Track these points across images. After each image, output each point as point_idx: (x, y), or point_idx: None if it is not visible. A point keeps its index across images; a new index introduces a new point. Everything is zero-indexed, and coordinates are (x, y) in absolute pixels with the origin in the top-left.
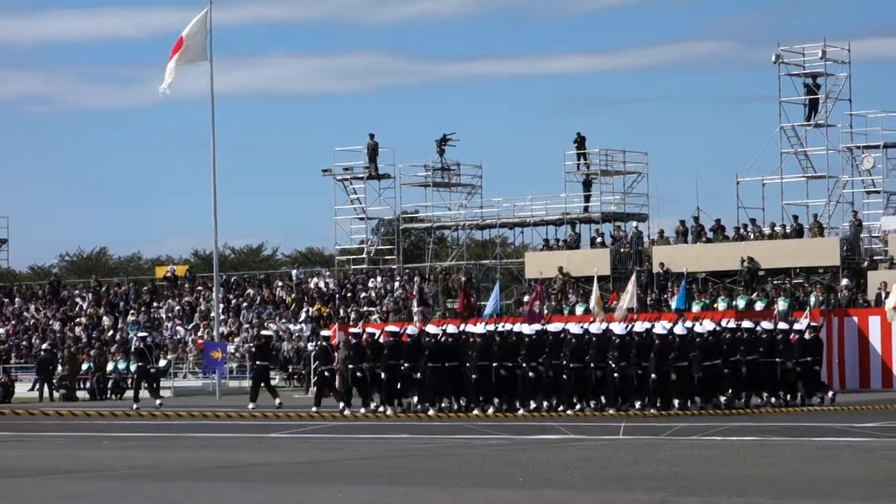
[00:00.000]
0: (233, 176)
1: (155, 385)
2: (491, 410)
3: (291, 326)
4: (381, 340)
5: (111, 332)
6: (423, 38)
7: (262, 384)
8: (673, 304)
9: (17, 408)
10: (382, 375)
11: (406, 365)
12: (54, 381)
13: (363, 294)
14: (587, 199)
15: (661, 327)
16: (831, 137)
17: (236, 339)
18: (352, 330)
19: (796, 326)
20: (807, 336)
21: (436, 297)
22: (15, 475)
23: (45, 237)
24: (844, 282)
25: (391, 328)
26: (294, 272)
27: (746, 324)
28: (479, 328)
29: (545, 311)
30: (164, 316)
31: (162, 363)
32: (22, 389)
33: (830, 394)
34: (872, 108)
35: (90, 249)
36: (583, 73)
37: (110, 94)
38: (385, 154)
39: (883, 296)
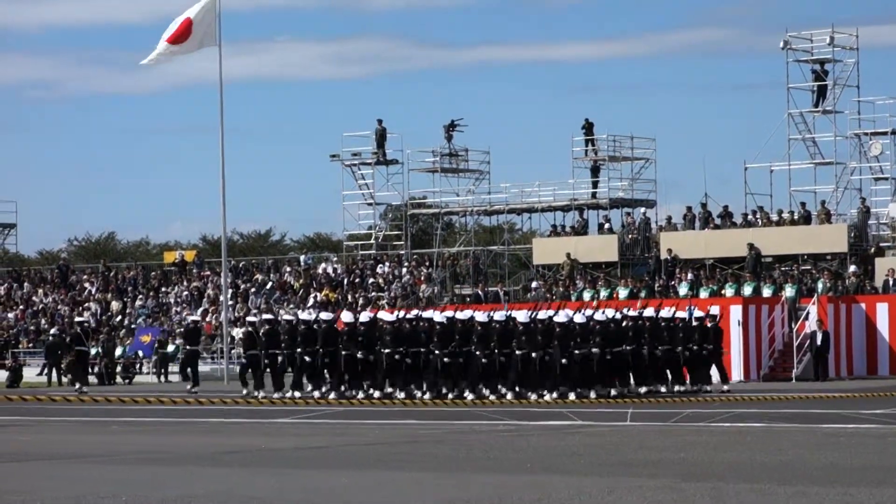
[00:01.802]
0: (241, 161)
1: (83, 369)
2: (402, 395)
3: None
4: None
5: (119, 317)
6: (432, 23)
7: (189, 368)
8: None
9: (25, 393)
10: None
11: (321, 351)
12: (62, 365)
13: (371, 280)
14: (595, 185)
15: (563, 315)
16: (839, 124)
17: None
18: (265, 316)
19: (696, 314)
20: (707, 324)
21: (444, 283)
22: (23, 460)
23: (53, 222)
24: (852, 268)
25: (304, 316)
26: (302, 258)
27: (648, 312)
28: (391, 315)
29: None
30: (172, 301)
31: (170, 348)
32: (30, 374)
33: (725, 387)
34: (880, 95)
35: (98, 234)
36: (591, 58)
37: (117, 78)
38: (393, 139)
39: (891, 283)
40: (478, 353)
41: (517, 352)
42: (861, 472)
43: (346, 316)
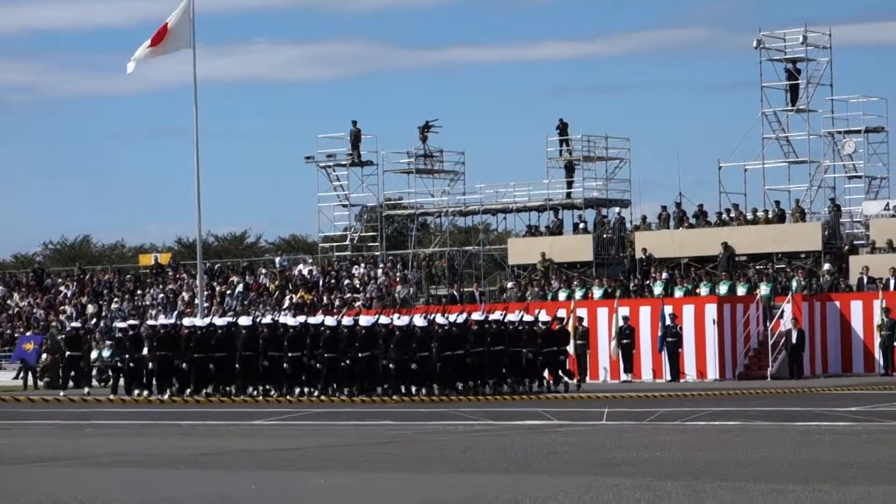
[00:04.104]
0: (216, 163)
1: None
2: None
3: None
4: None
5: (95, 321)
6: (406, 24)
7: (73, 373)
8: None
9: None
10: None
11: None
12: (38, 369)
13: (347, 281)
14: (570, 185)
15: (406, 319)
16: (813, 122)
17: None
18: (122, 324)
19: (541, 318)
20: (554, 327)
21: (419, 284)
22: None
23: (28, 225)
24: (826, 266)
25: (164, 321)
26: (277, 259)
27: (494, 315)
28: (246, 320)
29: None
30: (148, 303)
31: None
32: (6, 378)
33: (575, 380)
34: (853, 93)
35: (73, 237)
36: (565, 59)
37: (94, 81)
38: (368, 141)
39: (865, 280)
40: (326, 356)
41: (360, 354)
42: (836, 469)
43: (199, 322)
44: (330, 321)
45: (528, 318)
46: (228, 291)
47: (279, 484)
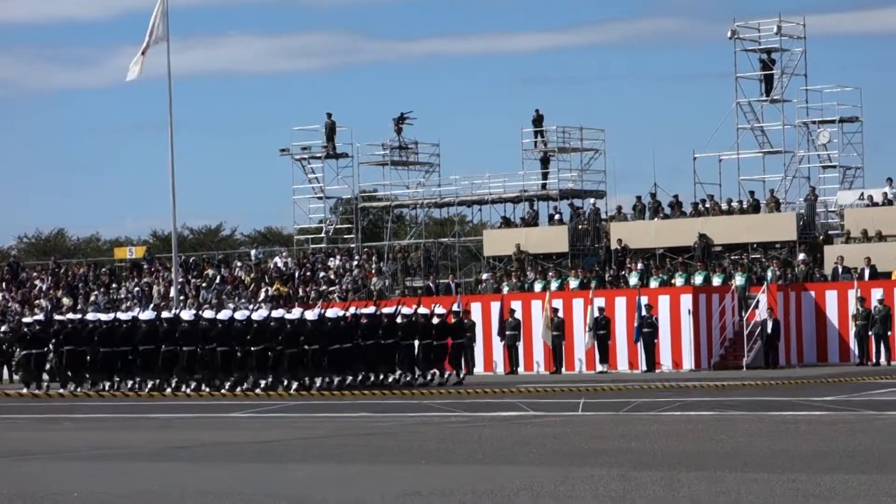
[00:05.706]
0: (191, 156)
1: None
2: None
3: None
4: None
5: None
6: (381, 16)
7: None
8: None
9: None
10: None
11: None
12: (13, 363)
13: (322, 274)
14: (545, 176)
15: (297, 312)
16: (787, 112)
17: None
18: (28, 319)
19: (437, 311)
20: (451, 320)
21: (395, 276)
22: None
23: (2, 219)
24: (801, 256)
25: (71, 316)
26: (253, 252)
27: (387, 310)
28: (147, 315)
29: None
30: (124, 296)
31: None
32: None
33: (462, 374)
34: (828, 83)
35: (48, 231)
36: (540, 50)
37: (69, 74)
38: (343, 133)
39: (840, 270)
40: (219, 349)
41: (252, 348)
42: (811, 458)
43: (102, 317)
44: (223, 315)
45: (423, 310)
46: (204, 284)
47: (258, 476)
